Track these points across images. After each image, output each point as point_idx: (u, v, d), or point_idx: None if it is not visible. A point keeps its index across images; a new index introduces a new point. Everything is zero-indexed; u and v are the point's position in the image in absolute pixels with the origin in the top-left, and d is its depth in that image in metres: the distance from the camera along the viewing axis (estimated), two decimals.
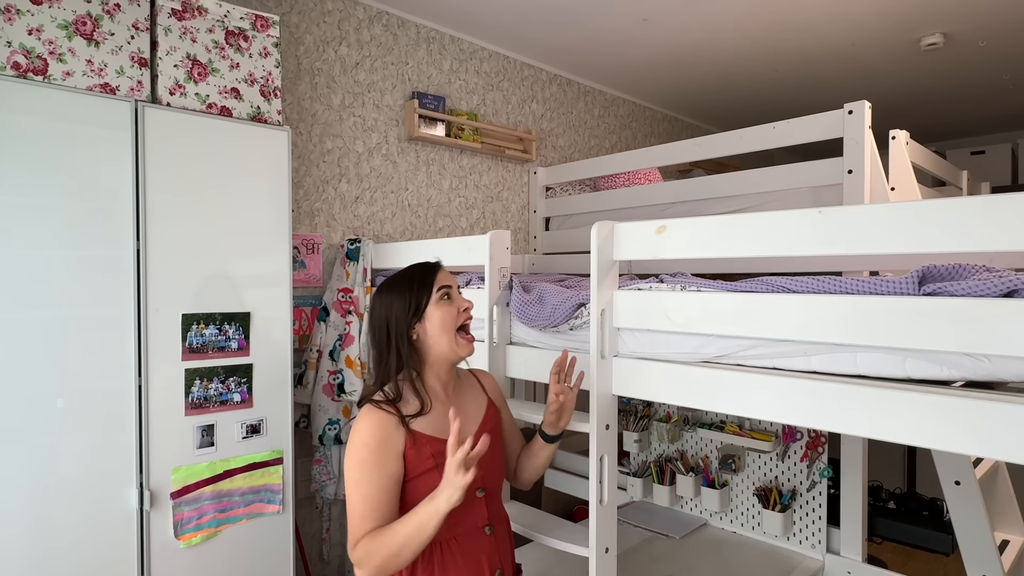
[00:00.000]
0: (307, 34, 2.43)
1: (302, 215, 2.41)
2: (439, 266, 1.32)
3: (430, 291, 1.26)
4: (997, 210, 0.98)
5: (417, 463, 1.18)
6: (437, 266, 1.32)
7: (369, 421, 1.18)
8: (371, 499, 1.14)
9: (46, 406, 1.52)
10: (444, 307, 1.26)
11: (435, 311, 1.25)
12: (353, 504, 1.15)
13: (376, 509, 1.13)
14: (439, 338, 1.25)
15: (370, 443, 1.15)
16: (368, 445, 1.15)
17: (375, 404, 1.20)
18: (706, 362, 1.38)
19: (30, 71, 1.52)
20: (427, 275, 1.28)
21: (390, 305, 1.25)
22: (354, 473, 1.15)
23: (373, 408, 1.19)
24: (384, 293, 1.28)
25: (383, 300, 1.27)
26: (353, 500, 1.15)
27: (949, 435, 1.02)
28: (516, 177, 3.26)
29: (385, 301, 1.26)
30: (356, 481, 1.14)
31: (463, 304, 1.30)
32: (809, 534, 2.15)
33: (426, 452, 1.19)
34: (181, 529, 1.71)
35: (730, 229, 1.30)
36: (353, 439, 1.18)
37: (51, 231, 1.53)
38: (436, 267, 1.31)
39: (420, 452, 1.19)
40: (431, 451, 1.19)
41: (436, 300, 1.25)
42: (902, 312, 1.06)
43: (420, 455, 1.19)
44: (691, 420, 2.47)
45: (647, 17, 2.75)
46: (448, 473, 1.08)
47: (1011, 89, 3.66)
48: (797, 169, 2.19)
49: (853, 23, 2.80)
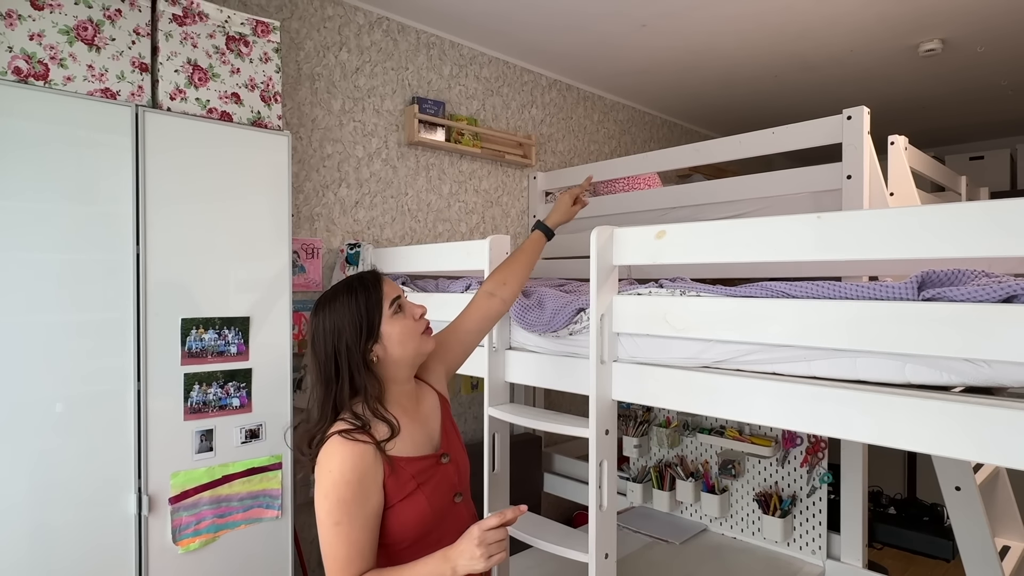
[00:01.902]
0: (307, 39, 2.44)
1: (302, 220, 2.41)
2: (381, 276, 1.20)
3: (381, 309, 1.15)
4: (995, 216, 0.98)
5: (397, 489, 1.11)
6: (379, 277, 1.20)
7: (344, 455, 1.06)
8: (356, 542, 1.05)
9: (45, 410, 1.52)
10: (400, 321, 1.16)
11: (392, 328, 1.15)
12: (335, 548, 1.05)
13: (362, 552, 1.06)
14: (403, 350, 1.16)
15: (351, 480, 1.05)
16: (349, 483, 1.05)
17: (345, 435, 1.07)
18: (706, 367, 1.38)
19: (31, 76, 1.53)
20: (373, 291, 1.16)
21: (335, 332, 1.12)
22: (333, 515, 1.04)
23: (344, 440, 1.07)
24: (324, 317, 1.14)
25: (324, 326, 1.13)
26: (333, 544, 1.05)
27: (949, 440, 1.02)
28: (516, 182, 3.27)
29: (327, 327, 1.13)
30: (336, 522, 1.04)
31: (417, 311, 1.21)
32: (809, 540, 2.15)
33: (406, 475, 1.12)
34: (179, 534, 1.70)
35: (729, 234, 1.30)
36: (328, 476, 1.05)
37: (51, 235, 1.53)
38: (379, 279, 1.19)
39: (399, 477, 1.11)
40: (411, 473, 1.13)
41: (389, 317, 1.15)
42: (902, 317, 1.06)
43: (400, 480, 1.11)
44: (691, 425, 2.46)
45: (646, 23, 2.76)
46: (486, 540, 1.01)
47: (1009, 95, 3.67)
48: (796, 174, 2.19)
49: (851, 29, 2.81)
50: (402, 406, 1.20)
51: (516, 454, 2.05)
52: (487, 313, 1.47)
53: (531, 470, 2.88)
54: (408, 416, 1.19)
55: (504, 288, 1.48)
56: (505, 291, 1.48)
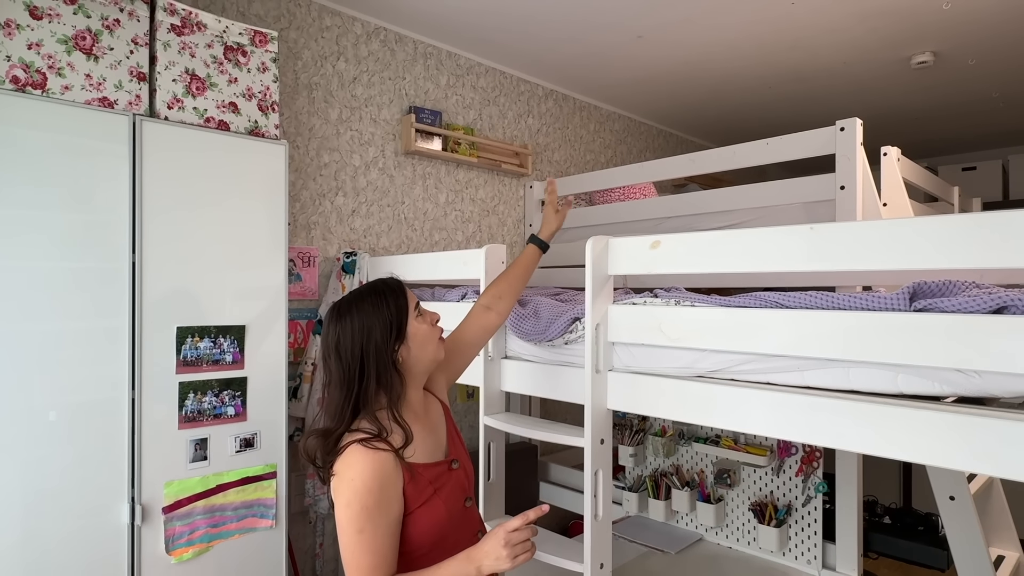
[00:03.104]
0: (305, 49, 2.46)
1: (298, 228, 2.42)
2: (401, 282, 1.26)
3: (407, 311, 1.20)
4: (985, 228, 0.99)
5: (416, 496, 1.12)
6: (401, 284, 1.25)
7: (366, 464, 1.07)
8: (379, 550, 1.06)
9: (38, 419, 1.51)
10: (422, 323, 1.22)
11: (417, 329, 1.20)
12: (358, 557, 1.06)
13: (385, 559, 1.07)
14: (423, 353, 1.21)
15: (373, 488, 1.06)
16: (372, 491, 1.06)
17: (365, 443, 1.08)
18: (700, 377, 1.39)
19: (29, 85, 1.53)
20: (400, 295, 1.22)
21: (365, 332, 1.15)
22: (356, 523, 1.05)
23: (364, 448, 1.08)
24: (352, 319, 1.16)
25: (352, 326, 1.15)
26: (356, 553, 1.06)
27: (941, 451, 1.03)
28: (512, 191, 3.28)
29: (355, 327, 1.15)
30: (359, 530, 1.05)
31: (434, 316, 1.27)
32: (805, 549, 2.14)
33: (423, 481, 1.14)
34: (172, 544, 1.69)
35: (723, 245, 1.31)
36: (350, 485, 1.06)
37: (48, 243, 1.53)
38: (402, 286, 1.25)
39: (418, 484, 1.13)
40: (428, 478, 1.15)
41: (415, 319, 1.21)
42: (894, 328, 1.07)
43: (418, 487, 1.13)
44: (686, 434, 2.46)
45: (642, 34, 2.78)
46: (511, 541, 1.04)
47: (1001, 107, 3.71)
48: (790, 185, 2.21)
49: (844, 41, 2.84)
50: (414, 413, 1.22)
51: (512, 463, 2.05)
52: (484, 325, 1.50)
53: (527, 479, 2.87)
54: (419, 423, 1.21)
55: (500, 301, 1.52)
56: (501, 304, 1.52)
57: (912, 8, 2.50)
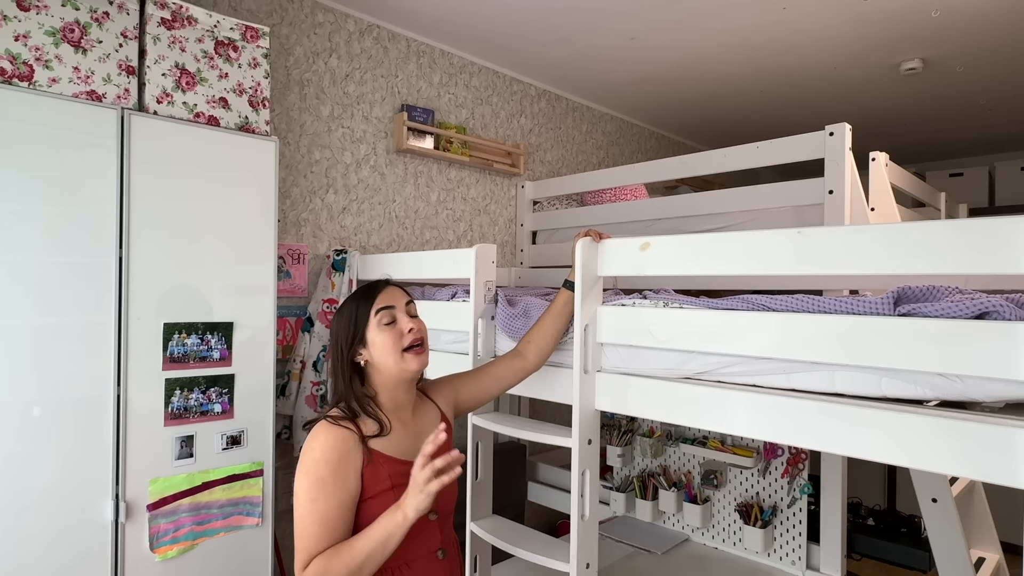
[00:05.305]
0: (297, 45, 2.44)
1: (288, 225, 2.41)
2: (382, 286, 1.27)
3: (368, 317, 1.22)
4: (965, 234, 1.00)
5: (373, 483, 1.15)
6: (379, 287, 1.26)
7: (327, 437, 1.13)
8: (328, 520, 1.09)
9: (21, 414, 1.50)
10: (385, 332, 1.21)
11: (376, 337, 1.21)
12: (305, 524, 1.09)
13: (333, 530, 1.09)
14: (385, 360, 1.21)
15: (331, 460, 1.11)
16: (329, 462, 1.11)
17: (332, 420, 1.16)
18: (687, 378, 1.39)
19: (15, 77, 1.51)
20: (365, 299, 1.24)
21: (336, 330, 1.24)
22: (311, 491, 1.09)
23: (330, 424, 1.15)
24: (336, 315, 1.27)
25: (334, 323, 1.27)
26: (306, 520, 1.09)
27: (923, 454, 1.04)
28: (503, 191, 3.28)
29: (335, 324, 1.26)
30: (312, 499, 1.09)
31: (407, 326, 1.24)
32: (789, 550, 2.16)
33: (383, 473, 1.16)
34: (157, 542, 1.68)
35: (712, 248, 1.32)
36: (309, 455, 1.12)
37: (33, 236, 1.52)
38: (376, 289, 1.26)
39: (377, 472, 1.15)
40: (387, 472, 1.16)
41: (375, 325, 1.22)
42: (878, 332, 1.08)
43: (377, 475, 1.15)
44: (674, 435, 2.48)
45: (635, 36, 2.79)
46: (418, 480, 1.06)
47: (988, 113, 3.76)
48: (780, 188, 2.23)
49: (835, 47, 2.86)
50: (394, 412, 1.25)
51: (500, 463, 2.05)
52: (511, 366, 1.51)
53: (515, 479, 2.87)
54: (400, 422, 1.24)
55: (529, 347, 1.52)
56: (530, 349, 1.52)
57: (902, 15, 2.53)
